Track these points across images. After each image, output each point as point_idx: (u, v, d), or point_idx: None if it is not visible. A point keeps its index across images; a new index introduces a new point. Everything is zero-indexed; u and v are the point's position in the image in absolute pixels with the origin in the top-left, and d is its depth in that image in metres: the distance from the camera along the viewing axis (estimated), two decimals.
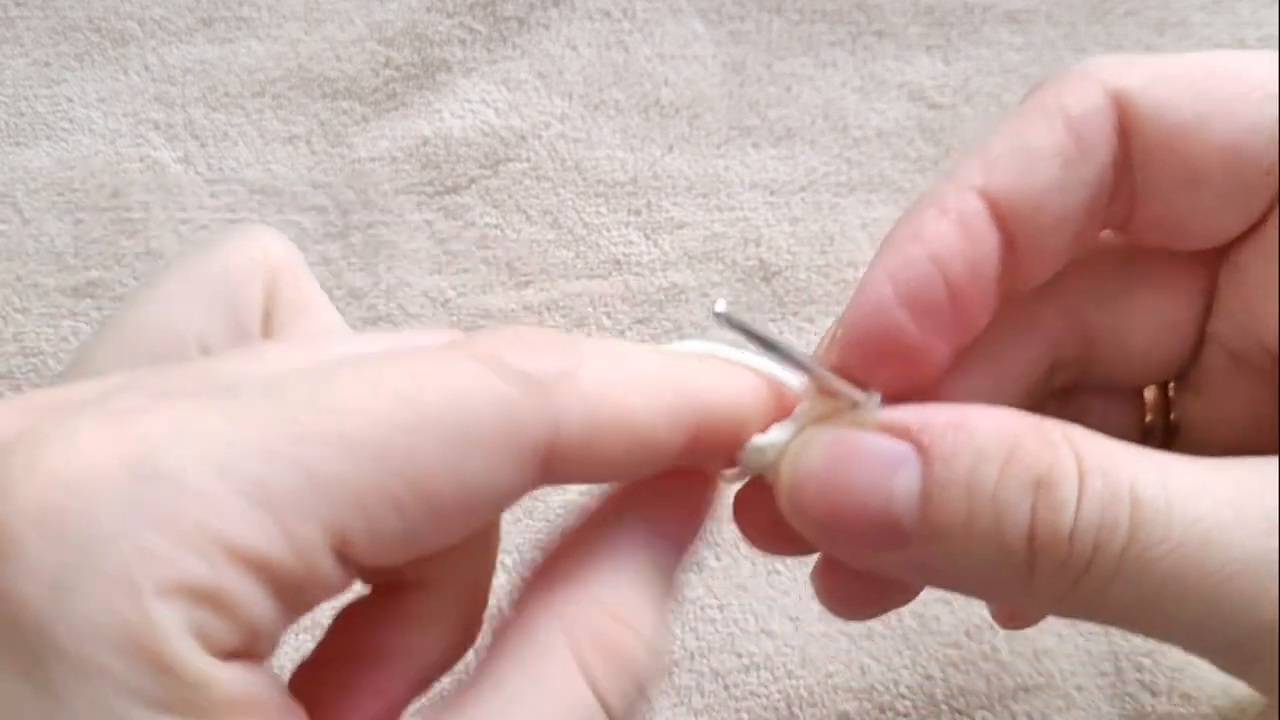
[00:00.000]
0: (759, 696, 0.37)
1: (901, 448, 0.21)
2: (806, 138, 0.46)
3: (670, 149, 0.45)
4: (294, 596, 0.18)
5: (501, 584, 0.23)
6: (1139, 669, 0.37)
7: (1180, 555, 0.20)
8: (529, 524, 0.39)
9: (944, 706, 0.37)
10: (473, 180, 0.45)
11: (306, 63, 0.46)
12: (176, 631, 0.17)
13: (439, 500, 0.19)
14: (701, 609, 0.38)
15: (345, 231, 0.44)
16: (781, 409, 0.23)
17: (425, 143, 0.45)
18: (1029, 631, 0.38)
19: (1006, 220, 0.23)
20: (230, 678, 0.17)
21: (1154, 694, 0.37)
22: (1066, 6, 0.48)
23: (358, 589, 0.22)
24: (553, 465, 0.20)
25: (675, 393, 0.21)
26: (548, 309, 0.43)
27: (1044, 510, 0.20)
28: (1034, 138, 0.23)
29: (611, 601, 0.21)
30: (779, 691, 0.37)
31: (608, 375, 0.20)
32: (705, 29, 0.47)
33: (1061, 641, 0.37)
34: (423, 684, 0.22)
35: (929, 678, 0.37)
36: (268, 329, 0.24)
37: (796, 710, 0.37)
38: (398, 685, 0.22)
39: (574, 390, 0.20)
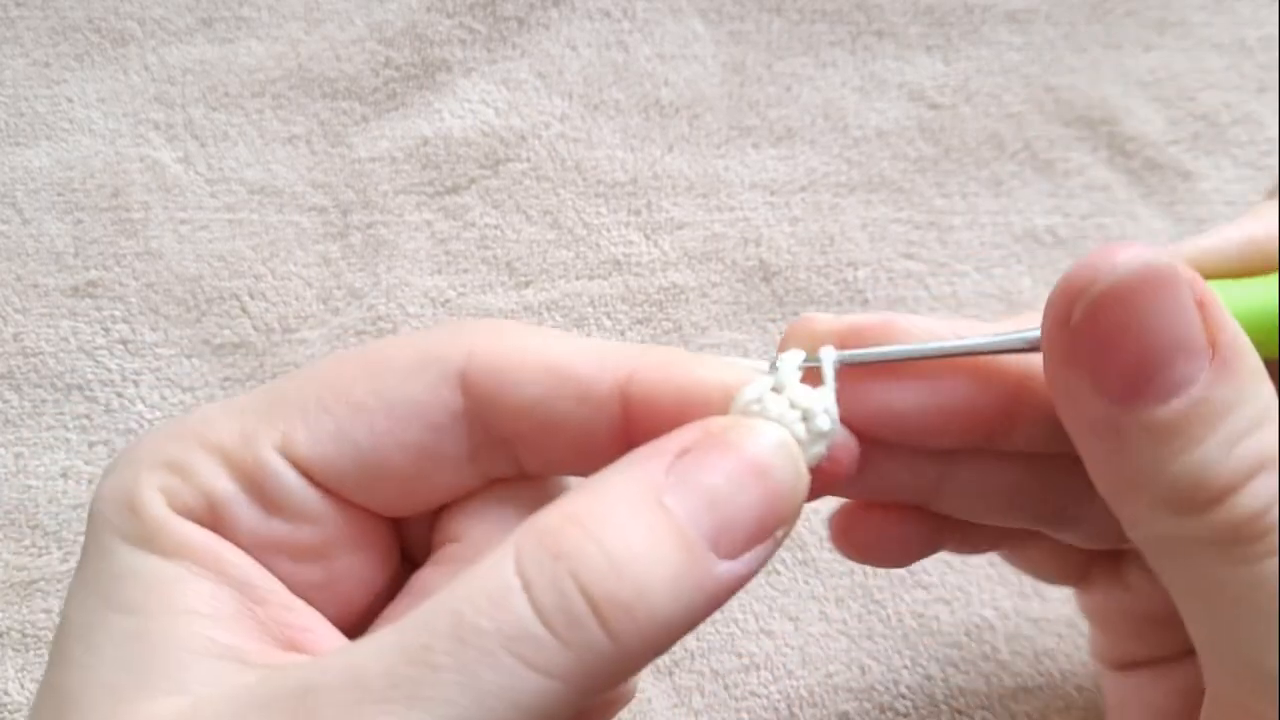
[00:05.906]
0: (759, 696, 0.37)
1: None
2: (806, 138, 0.46)
3: (670, 149, 0.45)
4: (255, 486, 0.24)
5: None
6: None
7: None
8: None
9: (944, 706, 0.37)
10: (473, 180, 0.45)
11: (306, 63, 0.46)
12: (149, 487, 0.23)
13: (361, 403, 0.24)
14: None
15: (345, 231, 0.44)
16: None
17: (425, 143, 0.45)
18: (1029, 631, 0.38)
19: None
20: (188, 530, 0.23)
21: None
22: (1066, 6, 0.48)
23: None
24: (474, 385, 0.24)
25: (598, 344, 0.25)
26: (548, 309, 0.43)
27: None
28: None
29: (571, 506, 0.22)
30: (779, 691, 0.37)
31: (520, 327, 0.26)
32: (705, 29, 0.47)
33: (1061, 641, 0.37)
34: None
35: (929, 678, 0.37)
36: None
37: (796, 710, 0.37)
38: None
39: (487, 322, 0.25)
